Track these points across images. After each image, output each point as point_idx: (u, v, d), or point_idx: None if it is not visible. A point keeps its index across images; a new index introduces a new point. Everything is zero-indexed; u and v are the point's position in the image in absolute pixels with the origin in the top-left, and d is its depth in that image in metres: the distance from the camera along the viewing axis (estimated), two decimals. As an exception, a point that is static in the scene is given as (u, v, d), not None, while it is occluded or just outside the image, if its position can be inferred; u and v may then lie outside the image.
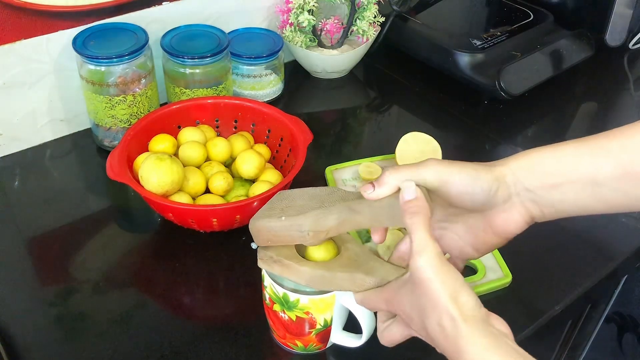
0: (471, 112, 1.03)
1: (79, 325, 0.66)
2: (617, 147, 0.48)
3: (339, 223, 0.53)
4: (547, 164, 0.50)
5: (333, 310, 0.59)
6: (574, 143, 0.50)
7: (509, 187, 0.50)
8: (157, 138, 0.79)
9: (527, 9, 1.14)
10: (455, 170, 0.50)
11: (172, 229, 0.77)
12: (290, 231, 0.54)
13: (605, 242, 0.79)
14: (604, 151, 0.48)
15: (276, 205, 0.57)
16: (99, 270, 0.73)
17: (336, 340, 0.63)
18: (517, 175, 0.50)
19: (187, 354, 0.64)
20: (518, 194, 0.50)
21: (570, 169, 0.49)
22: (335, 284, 0.54)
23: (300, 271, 0.54)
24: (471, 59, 1.02)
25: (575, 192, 0.49)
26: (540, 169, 0.50)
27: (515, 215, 0.51)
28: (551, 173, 0.49)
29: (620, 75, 1.14)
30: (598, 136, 0.49)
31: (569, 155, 0.49)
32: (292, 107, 1.02)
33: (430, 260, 0.45)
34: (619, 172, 0.47)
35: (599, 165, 0.48)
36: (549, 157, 0.50)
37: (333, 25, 1.01)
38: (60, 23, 0.84)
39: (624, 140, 0.48)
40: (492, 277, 0.72)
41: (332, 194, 0.55)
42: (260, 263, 0.57)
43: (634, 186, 0.47)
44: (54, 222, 0.79)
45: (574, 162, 0.49)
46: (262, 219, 0.55)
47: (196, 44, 0.89)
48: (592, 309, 0.99)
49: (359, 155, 0.89)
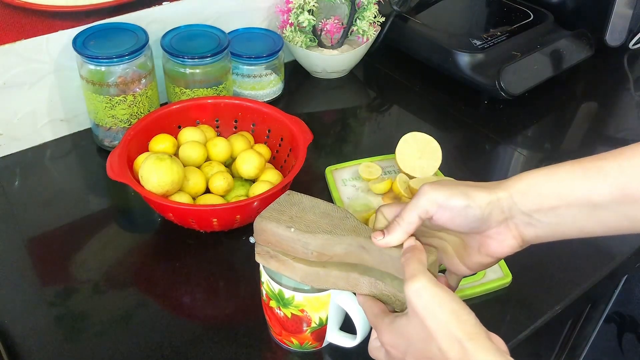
0: (471, 112, 1.03)
1: (79, 325, 0.66)
2: (615, 169, 0.46)
3: (345, 253, 0.54)
4: (544, 187, 0.49)
5: (328, 309, 0.59)
6: (570, 165, 0.49)
7: (504, 211, 0.50)
8: (157, 138, 0.79)
9: (527, 9, 1.14)
10: (449, 195, 0.49)
11: (172, 229, 0.77)
12: (295, 244, 0.54)
13: (605, 242, 0.79)
14: (602, 173, 0.47)
15: (285, 209, 0.56)
16: (99, 270, 0.73)
17: (332, 339, 0.63)
18: (512, 198, 0.49)
19: (187, 354, 0.64)
20: (513, 217, 0.50)
21: (568, 192, 0.48)
22: (330, 282, 0.55)
23: (296, 268, 0.55)
24: (471, 59, 1.02)
25: (572, 214, 0.48)
26: (536, 192, 0.49)
27: (509, 239, 0.51)
28: (547, 195, 0.48)
29: (621, 75, 1.14)
30: (595, 158, 0.48)
31: (565, 178, 0.48)
32: (292, 107, 1.02)
33: (424, 284, 0.45)
34: (617, 194, 0.46)
35: (596, 187, 0.47)
36: (545, 179, 0.49)
37: (333, 25, 1.01)
38: (60, 23, 0.84)
39: (622, 162, 0.46)
40: (492, 277, 0.72)
41: (345, 220, 0.55)
42: (258, 257, 0.58)
43: (634, 208, 0.46)
44: (54, 222, 0.79)
45: (571, 184, 0.48)
46: (271, 222, 0.55)
47: (196, 44, 0.89)
48: (592, 309, 0.99)
49: (359, 155, 0.89)
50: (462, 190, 0.50)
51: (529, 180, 0.49)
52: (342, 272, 0.54)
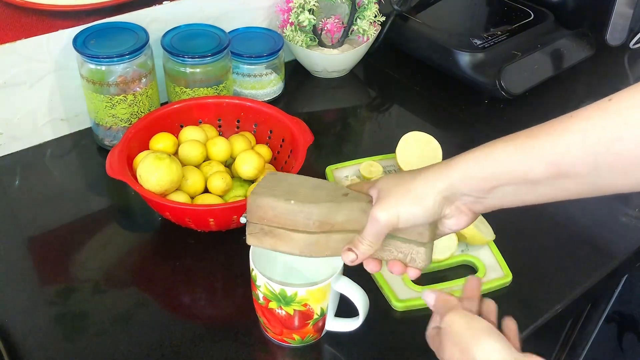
0: (472, 111, 1.03)
1: (79, 325, 0.67)
2: (547, 147, 0.47)
3: (346, 220, 0.54)
4: (483, 171, 0.50)
5: (328, 298, 0.60)
6: (503, 143, 0.49)
7: (449, 198, 0.52)
8: (157, 136, 0.79)
9: (527, 9, 1.14)
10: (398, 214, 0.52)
11: (172, 229, 0.77)
12: (296, 216, 0.53)
13: (605, 241, 0.79)
14: (535, 151, 0.48)
15: (276, 185, 0.56)
16: (99, 270, 0.73)
17: (332, 327, 0.64)
18: (453, 186, 0.51)
19: (188, 353, 0.64)
20: (460, 199, 0.52)
21: (504, 172, 0.49)
22: (331, 248, 0.55)
23: (294, 239, 0.54)
24: (472, 59, 1.02)
25: (513, 192, 0.50)
26: (476, 176, 0.50)
27: (462, 216, 0.53)
28: (485, 178, 0.50)
29: (621, 75, 1.14)
30: (528, 134, 0.49)
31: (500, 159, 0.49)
32: (293, 107, 1.02)
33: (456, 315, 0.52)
34: (551, 170, 0.47)
35: (531, 166, 0.48)
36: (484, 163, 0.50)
37: (333, 24, 1.01)
38: (60, 22, 0.84)
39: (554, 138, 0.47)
40: (493, 276, 0.72)
41: (338, 190, 0.56)
42: (250, 238, 0.56)
43: (569, 182, 0.47)
44: (54, 221, 0.79)
45: (507, 165, 0.49)
46: (267, 197, 0.54)
47: (197, 43, 0.89)
48: (592, 308, 0.99)
49: (359, 155, 0.89)
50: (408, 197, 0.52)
51: (469, 162, 0.51)
52: (343, 234, 0.54)
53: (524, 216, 0.82)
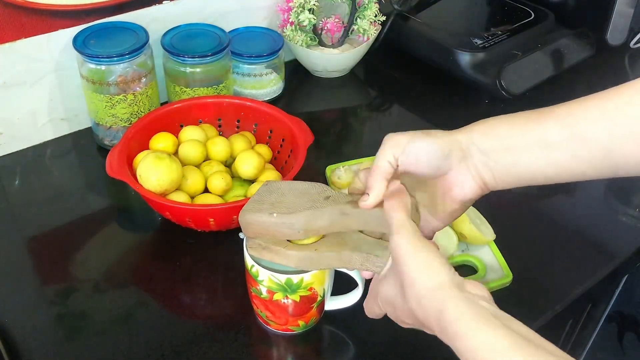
0: (472, 111, 1.03)
1: (79, 325, 0.67)
2: (565, 111, 0.51)
3: (330, 224, 0.56)
4: (501, 129, 0.53)
5: (329, 277, 0.62)
6: (528, 112, 0.53)
7: (463, 149, 0.53)
8: (157, 136, 0.79)
9: (528, 8, 1.13)
10: (411, 136, 0.53)
11: (172, 228, 0.77)
12: (281, 228, 0.56)
13: (606, 241, 0.79)
14: (553, 115, 0.51)
15: (265, 198, 0.58)
16: (99, 270, 0.73)
17: (332, 306, 0.65)
18: (471, 138, 0.53)
19: (188, 353, 0.64)
20: (472, 156, 0.53)
21: (523, 132, 0.52)
22: (324, 263, 0.57)
23: (289, 255, 0.57)
24: (472, 58, 1.01)
25: (527, 154, 0.51)
26: (494, 133, 0.52)
27: (468, 179, 0.54)
28: (504, 136, 0.52)
29: (622, 75, 1.14)
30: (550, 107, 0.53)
31: (521, 122, 0.52)
32: (293, 106, 1.02)
33: (406, 237, 0.48)
34: (566, 133, 0.50)
35: (548, 128, 0.51)
36: (503, 123, 0.53)
37: (334, 24, 1.01)
38: (60, 22, 0.84)
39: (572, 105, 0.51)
40: (493, 276, 0.72)
41: (322, 193, 0.57)
42: (251, 251, 0.59)
43: (582, 148, 0.49)
44: (54, 221, 0.79)
45: (526, 126, 0.52)
46: (252, 213, 0.56)
47: (197, 43, 0.89)
48: (592, 308, 0.99)
49: (359, 155, 0.89)
50: (423, 132, 0.53)
51: (490, 122, 0.53)
52: (334, 252, 0.56)
53: (524, 216, 0.83)
